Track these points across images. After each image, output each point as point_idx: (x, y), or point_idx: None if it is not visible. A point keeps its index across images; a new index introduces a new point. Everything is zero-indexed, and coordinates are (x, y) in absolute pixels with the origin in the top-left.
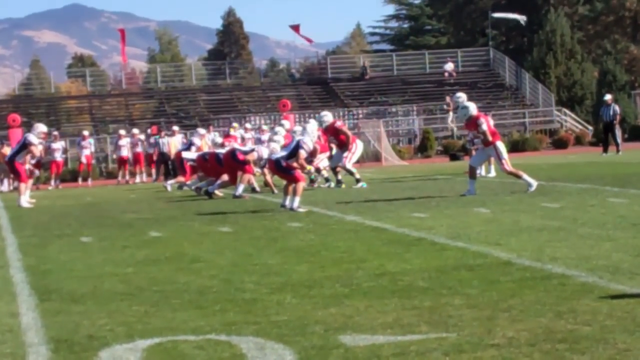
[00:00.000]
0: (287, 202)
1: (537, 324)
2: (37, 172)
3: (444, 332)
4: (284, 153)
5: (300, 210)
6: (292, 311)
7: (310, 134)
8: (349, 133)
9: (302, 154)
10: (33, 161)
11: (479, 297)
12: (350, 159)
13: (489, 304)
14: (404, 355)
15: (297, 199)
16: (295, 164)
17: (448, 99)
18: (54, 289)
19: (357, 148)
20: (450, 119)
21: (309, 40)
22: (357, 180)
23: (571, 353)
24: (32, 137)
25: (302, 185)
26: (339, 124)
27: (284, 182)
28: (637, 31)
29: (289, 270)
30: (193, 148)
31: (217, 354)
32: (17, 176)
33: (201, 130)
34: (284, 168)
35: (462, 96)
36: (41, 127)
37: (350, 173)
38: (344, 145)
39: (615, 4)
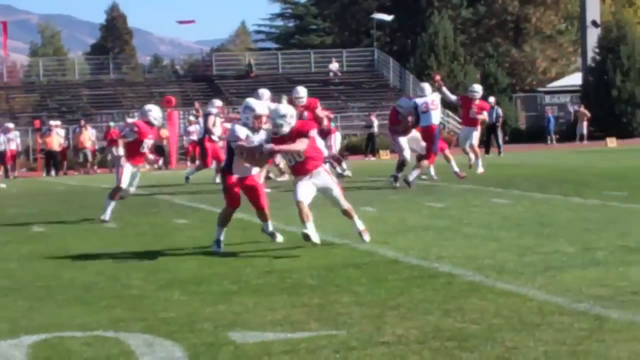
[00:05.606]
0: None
1: (425, 322)
2: None
3: (333, 329)
4: None
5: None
6: (181, 308)
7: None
8: None
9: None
10: None
11: (367, 295)
12: None
13: (378, 302)
14: (294, 352)
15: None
16: None
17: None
18: None
19: None
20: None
21: (191, 22)
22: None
23: (460, 351)
24: None
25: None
26: None
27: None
28: (519, 35)
29: (176, 267)
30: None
31: (105, 351)
32: None
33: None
34: None
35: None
36: None
37: None
38: None
39: (498, 8)
